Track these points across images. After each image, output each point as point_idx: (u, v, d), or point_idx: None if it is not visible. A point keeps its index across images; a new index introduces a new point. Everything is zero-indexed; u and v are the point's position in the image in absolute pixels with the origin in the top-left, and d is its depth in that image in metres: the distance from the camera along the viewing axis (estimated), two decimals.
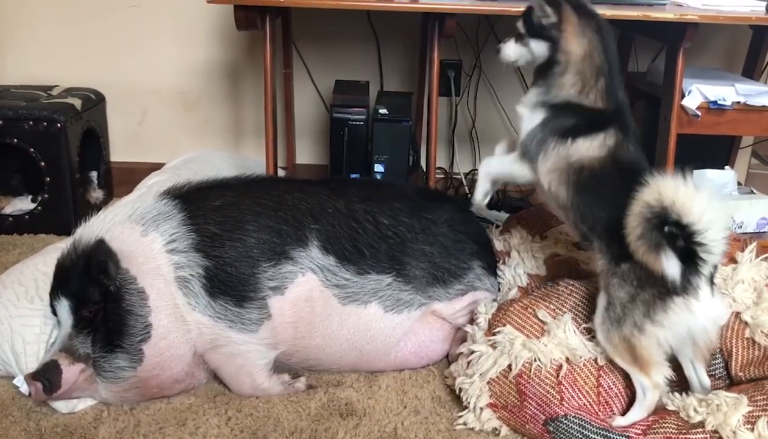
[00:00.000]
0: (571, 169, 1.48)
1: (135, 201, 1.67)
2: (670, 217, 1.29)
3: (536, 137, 1.50)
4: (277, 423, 1.53)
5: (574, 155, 1.47)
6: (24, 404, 1.57)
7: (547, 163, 1.50)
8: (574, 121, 1.47)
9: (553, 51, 1.49)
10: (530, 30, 1.52)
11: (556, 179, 1.49)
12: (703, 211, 1.28)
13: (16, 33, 2.71)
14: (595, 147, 1.47)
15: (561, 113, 1.48)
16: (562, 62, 1.48)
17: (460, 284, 1.75)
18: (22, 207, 2.50)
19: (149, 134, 2.85)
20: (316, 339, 1.64)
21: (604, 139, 1.47)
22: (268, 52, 2.01)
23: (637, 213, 1.32)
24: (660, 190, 1.30)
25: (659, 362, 1.43)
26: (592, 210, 1.47)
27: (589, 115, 1.48)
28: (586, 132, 1.47)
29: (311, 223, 1.64)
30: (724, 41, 2.77)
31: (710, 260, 1.33)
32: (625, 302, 1.41)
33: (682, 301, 1.35)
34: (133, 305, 1.51)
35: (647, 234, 1.32)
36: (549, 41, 1.49)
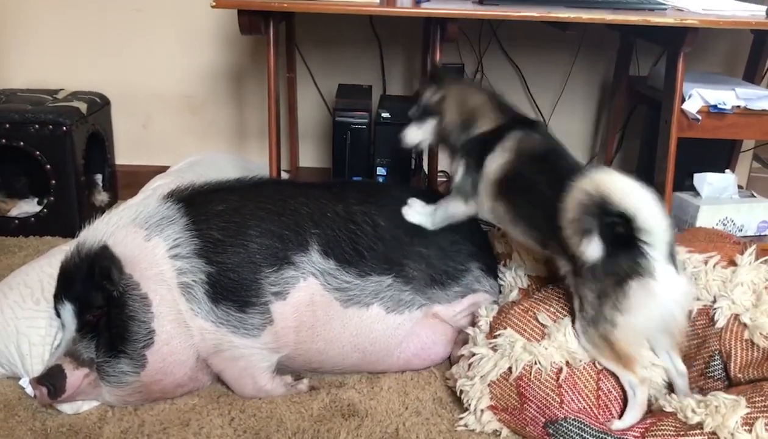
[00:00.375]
0: (496, 186, 1.58)
1: (139, 204, 1.67)
2: (608, 207, 1.35)
3: (466, 180, 1.63)
4: (279, 424, 1.54)
5: (491, 172, 1.58)
6: (30, 404, 1.58)
7: (482, 195, 1.61)
8: (477, 147, 1.62)
9: (439, 121, 1.67)
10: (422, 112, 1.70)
11: (491, 202, 1.60)
12: (630, 197, 1.34)
13: (23, 38, 2.73)
14: (498, 156, 1.58)
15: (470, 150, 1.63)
16: (447, 126, 1.67)
17: (459, 286, 1.76)
18: (27, 209, 2.52)
19: (154, 137, 2.87)
20: (318, 343, 1.66)
21: (504, 145, 1.58)
22: (272, 56, 2.02)
23: (574, 199, 1.39)
24: (598, 182, 1.36)
25: (643, 356, 1.48)
26: (530, 212, 1.55)
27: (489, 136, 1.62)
28: (490, 149, 1.59)
29: (312, 227, 1.65)
30: (725, 46, 2.78)
31: (653, 241, 1.37)
32: (592, 299, 1.45)
33: (638, 283, 1.39)
34: (136, 310, 1.52)
35: (580, 218, 1.39)
36: (435, 116, 1.68)
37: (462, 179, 1.63)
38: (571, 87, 2.84)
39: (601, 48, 2.77)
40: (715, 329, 1.57)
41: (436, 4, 2.06)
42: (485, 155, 1.59)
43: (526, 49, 2.78)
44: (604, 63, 2.82)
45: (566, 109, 2.87)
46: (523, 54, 2.79)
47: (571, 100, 2.86)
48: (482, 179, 1.60)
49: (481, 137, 1.62)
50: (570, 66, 2.80)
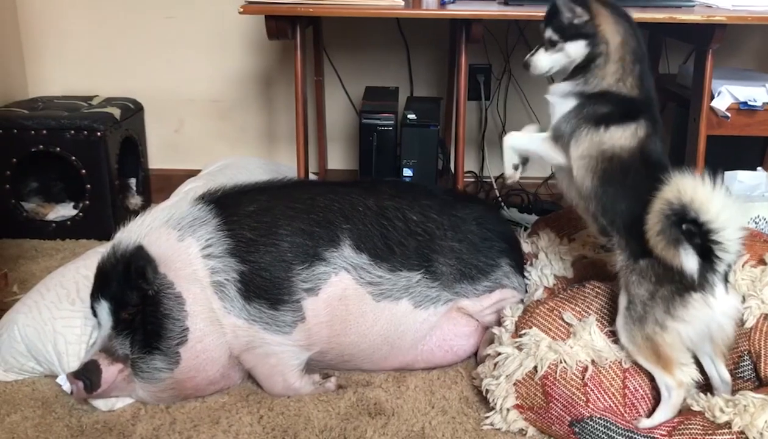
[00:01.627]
0: (601, 157, 1.48)
1: (171, 206, 1.71)
2: (689, 214, 1.32)
3: (570, 122, 1.50)
4: (307, 422, 1.57)
5: (607, 143, 1.47)
6: (66, 402, 1.63)
7: (578, 149, 1.49)
8: (609, 108, 1.48)
9: (592, 46, 1.49)
10: (563, 33, 1.51)
11: (585, 166, 1.50)
12: (720, 210, 1.30)
13: (58, 46, 2.81)
14: (627, 136, 1.48)
15: (595, 101, 1.49)
16: (603, 54, 1.48)
17: (488, 281, 1.77)
18: (64, 213, 2.59)
19: (186, 142, 2.92)
20: (351, 336, 1.68)
21: (636, 129, 1.48)
22: (299, 60, 2.05)
23: (657, 210, 1.35)
24: (680, 188, 1.32)
25: (682, 361, 1.45)
26: (614, 202, 1.49)
27: (623, 104, 1.48)
28: (620, 121, 1.47)
29: (343, 223, 1.67)
30: (758, 42, 2.74)
31: (725, 259, 1.35)
32: (646, 299, 1.43)
33: (701, 296, 1.38)
34: (171, 309, 1.56)
35: (666, 230, 1.34)
36: (586, 38, 1.49)
37: (565, 120, 1.50)
38: None
39: None
40: (745, 329, 1.55)
41: (462, 5, 2.07)
42: (613, 122, 1.47)
43: None
44: None
45: None
46: None
47: None
48: (595, 137, 1.47)
49: (619, 99, 1.48)
50: None
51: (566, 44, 1.51)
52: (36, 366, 1.71)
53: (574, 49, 1.51)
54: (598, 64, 1.49)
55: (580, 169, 1.50)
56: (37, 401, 1.64)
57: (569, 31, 1.50)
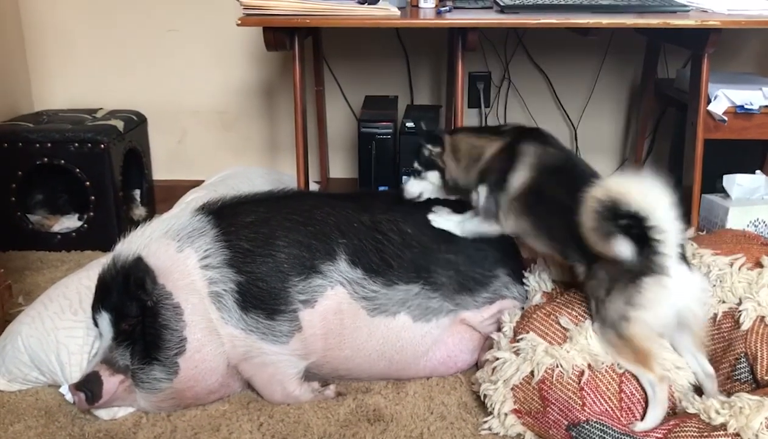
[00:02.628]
0: (518, 202, 1.61)
1: (171, 217, 1.73)
2: (620, 210, 1.39)
3: (490, 203, 1.66)
4: (306, 428, 1.58)
5: (514, 189, 1.61)
6: (69, 411, 1.65)
7: (504, 213, 1.64)
8: (495, 176, 1.64)
9: (442, 174, 1.72)
10: (424, 166, 1.75)
11: (514, 218, 1.63)
12: (643, 197, 1.38)
13: (63, 60, 2.85)
14: (520, 172, 1.61)
15: (489, 175, 1.66)
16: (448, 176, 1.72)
17: (487, 292, 1.77)
18: (69, 225, 2.61)
19: (189, 153, 2.95)
20: (345, 350, 1.69)
21: (524, 160, 1.61)
22: (297, 70, 2.08)
23: (589, 208, 1.42)
24: (606, 187, 1.42)
25: (657, 351, 1.49)
26: (550, 224, 1.59)
27: (503, 157, 1.64)
28: (511, 168, 1.62)
29: (339, 237, 1.68)
30: (754, 45, 2.75)
31: (666, 239, 1.40)
32: (604, 297, 1.49)
33: (652, 280, 1.43)
34: (169, 319, 1.57)
35: (599, 225, 1.42)
36: (438, 170, 1.73)
37: (486, 202, 1.66)
38: (599, 92, 2.84)
39: (628, 52, 2.76)
40: (741, 332, 1.55)
41: (459, 14, 2.09)
42: (507, 174, 1.62)
43: (553, 55, 2.79)
44: (632, 67, 2.81)
45: (595, 114, 2.87)
46: (550, 60, 2.80)
47: (600, 104, 2.86)
48: (505, 197, 1.63)
49: (495, 159, 1.66)
50: (597, 71, 2.80)
51: (427, 173, 1.74)
52: (39, 376, 1.73)
53: (432, 176, 1.74)
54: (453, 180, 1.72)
55: (514, 224, 1.64)
56: (40, 410, 1.66)
57: (427, 164, 1.74)
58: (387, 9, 2.00)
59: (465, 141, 1.71)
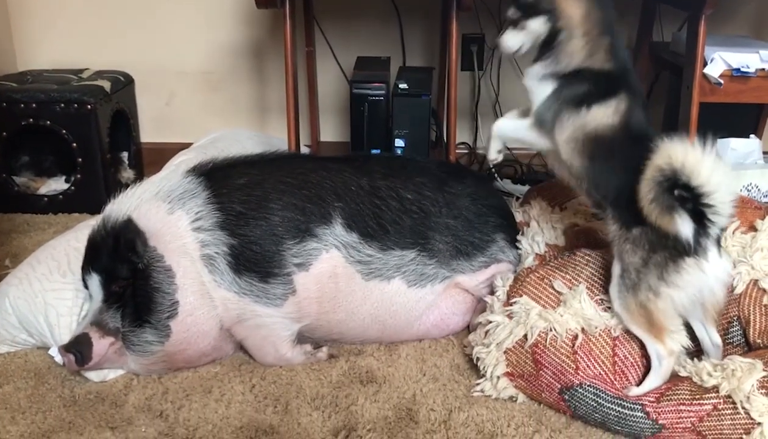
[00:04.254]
0: (587, 138, 1.48)
1: (161, 179, 1.70)
2: (680, 180, 1.32)
3: (551, 107, 1.50)
4: (299, 390, 1.58)
5: (590, 124, 1.47)
6: (59, 373, 1.64)
7: (563, 134, 1.50)
8: (587, 88, 1.47)
9: (552, 21, 1.47)
10: (524, 10, 1.50)
11: (572, 149, 1.50)
12: (710, 174, 1.30)
13: (47, 19, 2.78)
14: (609, 113, 1.47)
15: (572, 81, 1.48)
16: (565, 29, 1.46)
17: (484, 257, 1.77)
18: (56, 187, 2.58)
19: (177, 115, 2.91)
20: (339, 314, 1.68)
21: (617, 104, 1.47)
22: (288, 30, 2.03)
23: (649, 178, 1.35)
24: (670, 154, 1.32)
25: (674, 328, 1.45)
26: (605, 177, 1.49)
27: (599, 80, 1.47)
28: (600, 98, 1.47)
29: (335, 201, 1.66)
30: (751, 8, 2.72)
31: (718, 222, 1.36)
32: (639, 267, 1.43)
33: (694, 261, 1.38)
34: (161, 282, 1.56)
35: (659, 197, 1.34)
36: (545, 14, 1.47)
37: (546, 105, 1.50)
38: None
39: (623, 14, 2.72)
40: (734, 295, 1.56)
41: None
42: (594, 101, 1.46)
43: None
44: (627, 29, 2.77)
45: None
46: None
47: None
48: (578, 120, 1.47)
49: (595, 75, 1.47)
50: None
51: (527, 21, 1.49)
52: (28, 338, 1.71)
53: (535, 25, 1.49)
54: (562, 41, 1.47)
55: (567, 152, 1.51)
56: (29, 372, 1.64)
57: (529, 8, 1.49)
58: None
59: (597, 15, 1.46)
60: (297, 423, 1.48)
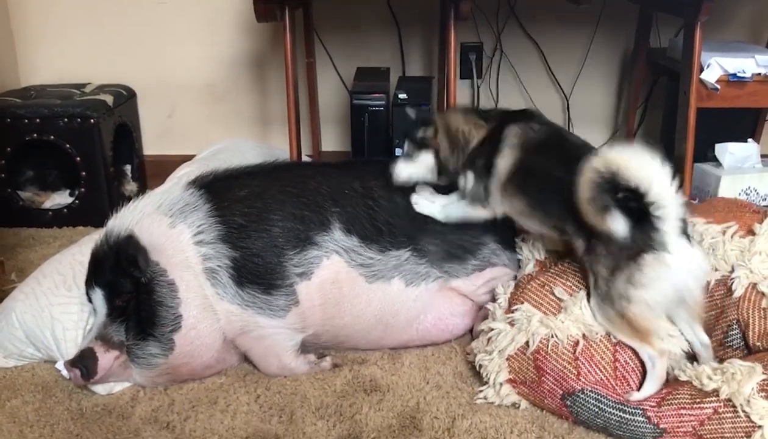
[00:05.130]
0: (509, 183, 1.58)
1: (163, 192, 1.72)
2: (620, 183, 1.36)
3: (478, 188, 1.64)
4: (303, 400, 1.59)
5: (502, 172, 1.58)
6: (66, 386, 1.66)
7: (495, 197, 1.62)
8: (484, 153, 1.62)
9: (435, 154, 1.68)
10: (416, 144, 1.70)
11: (507, 200, 1.60)
12: (639, 171, 1.35)
13: (50, 35, 2.81)
14: (506, 155, 1.58)
15: (476, 159, 1.64)
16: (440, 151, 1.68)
17: (476, 260, 1.78)
18: (60, 201, 2.60)
19: (179, 127, 2.93)
20: (345, 318, 1.69)
21: (509, 142, 1.58)
22: (288, 42, 2.06)
23: (587, 179, 1.38)
24: (606, 159, 1.37)
25: (664, 330, 1.48)
26: (544, 200, 1.56)
27: (489, 140, 1.62)
28: (496, 151, 1.59)
29: (332, 206, 1.68)
30: (747, 13, 2.74)
31: (665, 214, 1.38)
32: (607, 276, 1.45)
33: (653, 257, 1.40)
34: (164, 296, 1.57)
35: (596, 198, 1.38)
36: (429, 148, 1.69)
37: (474, 188, 1.64)
38: (592, 61, 2.83)
39: (620, 21, 2.75)
40: (733, 299, 1.56)
41: None
42: (493, 158, 1.59)
43: (545, 25, 2.77)
44: (624, 36, 2.80)
45: (587, 83, 2.86)
46: (542, 30, 2.79)
47: (592, 74, 2.85)
48: (494, 181, 1.60)
49: (482, 145, 1.64)
50: (590, 40, 2.79)
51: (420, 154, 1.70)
52: (35, 352, 1.73)
53: (426, 158, 1.69)
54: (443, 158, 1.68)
55: (507, 204, 1.61)
56: (37, 385, 1.66)
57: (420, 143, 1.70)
58: None
59: (455, 123, 1.68)
60: (302, 433, 1.49)
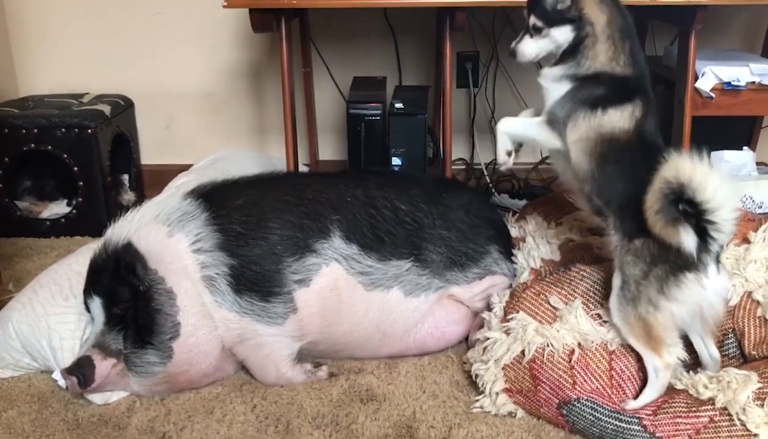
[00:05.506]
0: (599, 140, 1.47)
1: (161, 202, 1.73)
2: (686, 194, 1.32)
3: (565, 106, 1.49)
4: (300, 409, 1.59)
5: (605, 125, 1.47)
6: (62, 396, 1.65)
7: (576, 133, 1.49)
8: (604, 90, 1.47)
9: (578, 30, 1.48)
10: (548, 19, 1.49)
11: (582, 149, 1.49)
12: (716, 190, 1.31)
13: (48, 45, 2.82)
14: (625, 118, 1.47)
15: (590, 83, 1.48)
16: (590, 35, 1.47)
17: (478, 268, 1.79)
18: (58, 211, 2.60)
19: (177, 137, 2.94)
20: (343, 325, 1.70)
21: (633, 110, 1.47)
22: (285, 52, 2.07)
23: (656, 189, 1.35)
24: (678, 167, 1.32)
25: (671, 342, 1.47)
26: (611, 183, 1.49)
27: (618, 85, 1.47)
28: (617, 102, 1.46)
29: (332, 214, 1.68)
30: (742, 21, 2.75)
31: (719, 239, 1.37)
32: (639, 279, 1.43)
33: (695, 276, 1.39)
34: (162, 304, 1.58)
35: (665, 209, 1.35)
36: (571, 23, 1.48)
37: (560, 106, 1.49)
38: None
39: None
40: (729, 307, 1.57)
41: None
42: (610, 104, 1.46)
43: None
44: None
45: None
46: None
47: None
48: (593, 121, 1.47)
49: (614, 80, 1.47)
50: None
51: (551, 30, 1.49)
52: (31, 362, 1.73)
53: (560, 34, 1.49)
54: (587, 46, 1.47)
55: (577, 152, 1.50)
56: (33, 396, 1.66)
57: (554, 17, 1.48)
58: None
59: (613, 11, 1.48)
60: None
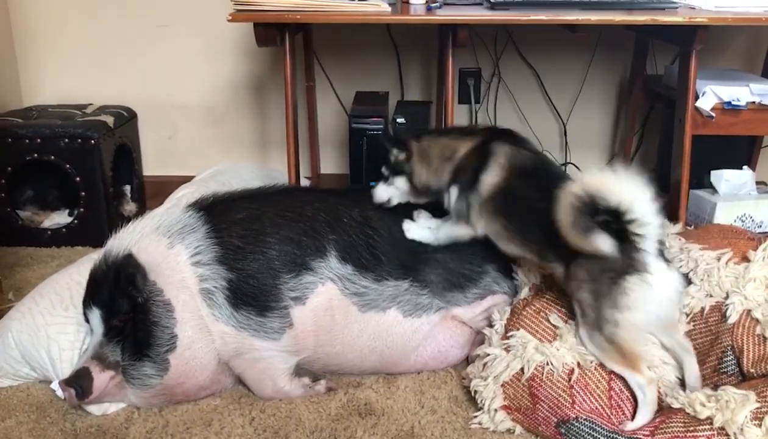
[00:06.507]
0: (491, 203, 1.59)
1: (162, 213, 1.73)
2: (600, 205, 1.37)
3: (461, 204, 1.64)
4: (298, 423, 1.59)
5: (486, 189, 1.60)
6: (61, 407, 1.66)
7: (476, 214, 1.62)
8: (469, 166, 1.63)
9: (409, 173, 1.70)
10: (391, 170, 1.73)
11: (488, 219, 1.61)
12: (623, 191, 1.36)
13: (52, 55, 2.84)
14: (492, 172, 1.59)
15: (461, 175, 1.64)
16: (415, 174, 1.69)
17: (477, 288, 1.78)
18: (59, 221, 2.61)
19: (179, 148, 2.95)
20: (336, 346, 1.70)
21: (497, 160, 1.59)
22: (288, 66, 2.08)
23: (567, 204, 1.40)
24: (584, 182, 1.39)
25: (646, 354, 1.50)
26: (524, 225, 1.57)
27: (475, 156, 1.63)
28: (483, 167, 1.60)
29: (329, 233, 1.69)
30: (742, 41, 2.77)
31: (647, 234, 1.39)
32: (591, 301, 1.47)
33: (637, 278, 1.41)
34: (160, 316, 1.58)
35: (578, 220, 1.39)
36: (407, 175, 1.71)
37: (457, 203, 1.65)
38: (589, 88, 2.85)
39: (617, 48, 2.78)
40: (728, 325, 1.57)
41: (450, 11, 2.10)
42: (479, 173, 1.60)
43: (543, 51, 2.80)
44: (621, 63, 2.83)
45: (584, 110, 2.88)
46: (540, 56, 2.81)
47: (589, 100, 2.87)
48: (477, 197, 1.61)
49: (468, 159, 1.64)
50: (587, 67, 2.81)
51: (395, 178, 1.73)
52: (30, 372, 1.73)
53: (400, 182, 1.72)
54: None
55: (488, 225, 1.62)
56: (31, 406, 1.66)
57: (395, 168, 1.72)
58: (377, 5, 2.01)
59: (434, 143, 1.69)
60: None
